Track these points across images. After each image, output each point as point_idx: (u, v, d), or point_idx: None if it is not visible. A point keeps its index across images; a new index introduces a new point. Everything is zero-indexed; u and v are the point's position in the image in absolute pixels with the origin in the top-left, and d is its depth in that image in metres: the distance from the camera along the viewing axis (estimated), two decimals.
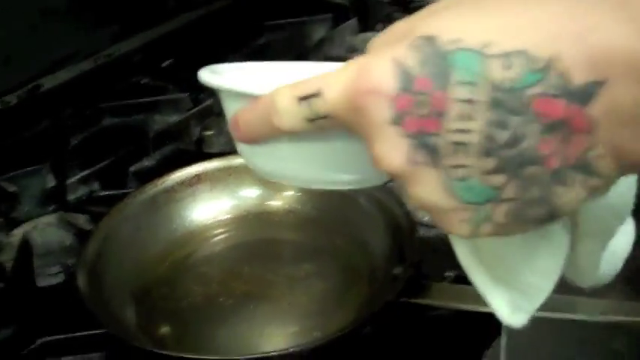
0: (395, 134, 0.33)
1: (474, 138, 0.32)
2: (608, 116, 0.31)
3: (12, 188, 0.84)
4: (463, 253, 0.42)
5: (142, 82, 1.05)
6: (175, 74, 1.05)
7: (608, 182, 0.33)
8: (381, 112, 0.33)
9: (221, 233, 0.73)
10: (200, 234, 0.73)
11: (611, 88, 0.31)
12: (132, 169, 0.88)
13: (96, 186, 0.87)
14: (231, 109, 0.42)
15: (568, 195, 0.33)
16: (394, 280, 0.62)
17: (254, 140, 0.40)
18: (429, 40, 0.33)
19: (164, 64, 1.06)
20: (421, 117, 0.33)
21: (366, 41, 1.07)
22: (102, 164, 0.88)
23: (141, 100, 1.00)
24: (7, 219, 0.82)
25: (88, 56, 1.00)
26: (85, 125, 0.96)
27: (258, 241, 0.71)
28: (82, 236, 0.78)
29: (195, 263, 0.70)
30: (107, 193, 0.85)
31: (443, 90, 0.32)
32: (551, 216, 0.34)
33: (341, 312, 0.64)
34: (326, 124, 0.37)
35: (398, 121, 0.33)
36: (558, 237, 0.40)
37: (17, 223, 0.82)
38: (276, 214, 0.74)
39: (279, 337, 0.62)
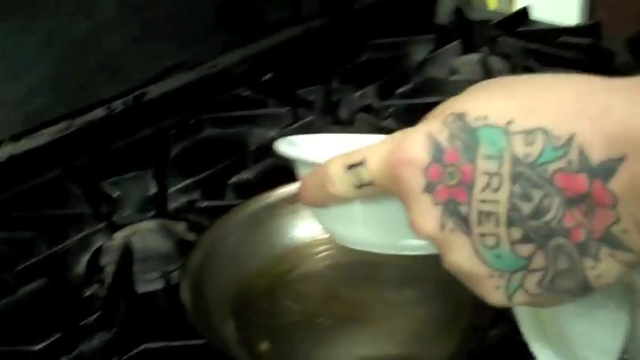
0: (428, 202, 0.37)
1: (500, 208, 0.35)
2: (630, 191, 0.33)
3: (115, 193, 0.86)
4: (523, 318, 0.43)
5: (243, 94, 1.06)
6: (275, 89, 1.05)
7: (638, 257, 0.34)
8: (415, 181, 0.37)
9: (322, 252, 0.72)
10: (300, 251, 0.72)
11: (630, 164, 0.33)
12: (231, 180, 0.89)
13: (196, 195, 0.87)
14: (300, 176, 0.46)
15: (599, 268, 0.35)
16: (498, 314, 0.60)
17: (315, 205, 0.45)
18: (459, 116, 0.36)
19: (264, 78, 1.07)
20: (451, 187, 0.36)
21: (468, 63, 1.07)
22: (202, 174, 0.89)
23: (241, 112, 1.01)
24: (109, 223, 0.84)
25: (192, 67, 1.02)
26: (187, 135, 0.98)
27: (359, 262, 0.70)
28: (181, 244, 0.79)
29: (294, 281, 0.70)
30: (207, 203, 0.85)
31: (470, 162, 0.35)
32: (584, 288, 0.35)
33: (440, 342, 0.62)
34: (371, 191, 0.40)
35: (430, 189, 0.37)
36: (616, 315, 0.41)
37: (117, 227, 0.84)
38: None
39: None
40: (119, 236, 0.82)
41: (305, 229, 0.73)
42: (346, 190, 0.41)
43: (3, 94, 0.85)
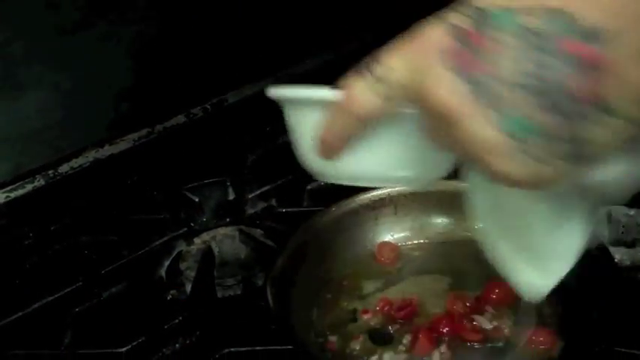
0: (449, 76, 0.39)
1: (511, 74, 0.37)
2: (624, 57, 0.36)
3: (195, 198, 0.87)
4: (488, 228, 0.47)
5: None
6: None
7: (629, 128, 0.37)
8: (437, 60, 0.39)
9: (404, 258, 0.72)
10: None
11: (625, 32, 0.36)
12: (308, 187, 0.89)
13: (273, 202, 0.88)
14: (307, 119, 0.47)
15: (594, 132, 0.37)
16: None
17: (338, 139, 0.46)
18: (469, 6, 0.39)
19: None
20: (470, 60, 0.38)
21: None
22: (279, 181, 0.89)
23: None
24: (189, 228, 0.85)
25: (269, 74, 1.02)
26: (264, 141, 0.98)
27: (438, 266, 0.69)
28: (259, 250, 0.79)
29: (377, 288, 0.69)
30: (284, 209, 0.85)
31: (487, 36, 0.38)
32: (581, 153, 0.38)
33: None
34: (398, 95, 0.42)
35: (451, 64, 0.39)
36: (579, 227, 0.45)
37: (197, 232, 0.84)
38: (462, 244, 0.72)
39: None
40: (198, 241, 0.83)
41: (386, 234, 0.73)
42: (374, 106, 0.43)
43: (88, 101, 0.87)
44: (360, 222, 0.73)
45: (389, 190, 0.74)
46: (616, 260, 0.75)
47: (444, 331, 0.63)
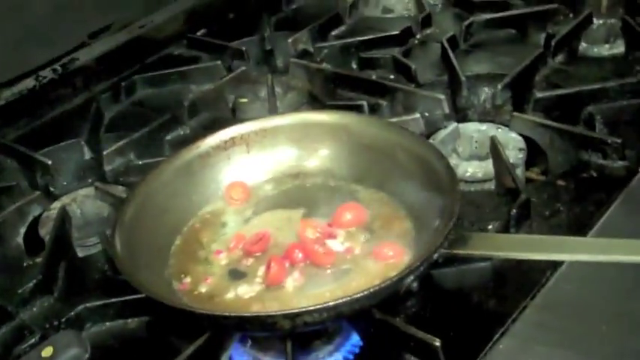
0: None
1: None
2: None
3: (48, 161, 0.84)
4: None
5: (175, 52, 1.04)
6: (208, 44, 1.04)
7: None
8: None
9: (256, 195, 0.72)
10: None
11: None
12: (168, 137, 0.88)
13: (131, 156, 0.86)
14: None
15: None
16: (435, 232, 0.60)
17: None
18: None
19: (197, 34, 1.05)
20: None
21: (401, 1, 1.05)
22: (137, 134, 0.88)
23: (174, 69, 0.99)
24: (47, 193, 0.82)
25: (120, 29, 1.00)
26: (120, 98, 0.96)
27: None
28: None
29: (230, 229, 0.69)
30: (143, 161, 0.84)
31: None
32: None
33: None
34: None
35: None
36: None
37: (56, 197, 0.82)
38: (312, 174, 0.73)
39: (317, 294, 0.60)
40: (58, 205, 0.80)
41: (235, 174, 0.73)
42: None
43: None
44: (212, 163, 0.72)
45: (240, 128, 0.74)
46: (469, 174, 0.78)
47: (297, 258, 0.63)
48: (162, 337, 0.63)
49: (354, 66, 0.97)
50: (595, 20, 0.99)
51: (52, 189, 0.83)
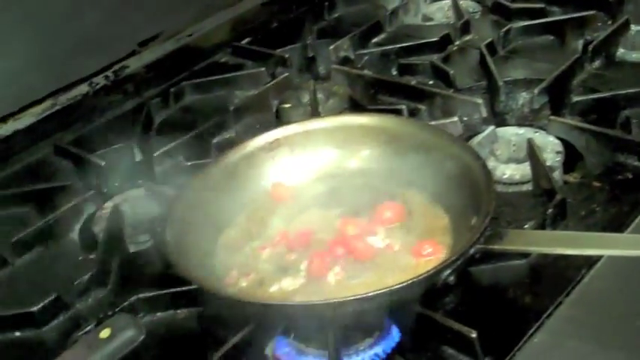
0: None
1: None
2: None
3: (102, 163, 0.88)
4: None
5: (221, 60, 1.08)
6: (252, 52, 1.07)
7: None
8: None
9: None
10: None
11: None
12: (214, 141, 0.91)
13: (180, 158, 0.90)
14: None
15: None
16: (471, 229, 0.62)
17: None
18: None
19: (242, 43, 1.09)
20: None
21: (441, 9, 1.08)
22: (185, 137, 0.91)
23: (220, 76, 1.03)
24: (100, 193, 0.86)
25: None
26: (169, 103, 1.00)
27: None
28: None
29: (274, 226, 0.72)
30: (190, 163, 0.88)
31: None
32: None
33: None
34: None
35: None
36: None
37: (109, 197, 0.86)
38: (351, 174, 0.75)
39: (357, 286, 0.63)
40: (110, 205, 0.84)
41: (279, 174, 0.76)
42: None
43: None
44: (257, 164, 0.75)
45: (284, 131, 0.77)
46: (506, 176, 0.80)
47: (338, 253, 0.66)
48: (210, 327, 0.66)
49: (394, 72, 1.00)
50: (633, 26, 1.00)
51: (104, 189, 0.87)
